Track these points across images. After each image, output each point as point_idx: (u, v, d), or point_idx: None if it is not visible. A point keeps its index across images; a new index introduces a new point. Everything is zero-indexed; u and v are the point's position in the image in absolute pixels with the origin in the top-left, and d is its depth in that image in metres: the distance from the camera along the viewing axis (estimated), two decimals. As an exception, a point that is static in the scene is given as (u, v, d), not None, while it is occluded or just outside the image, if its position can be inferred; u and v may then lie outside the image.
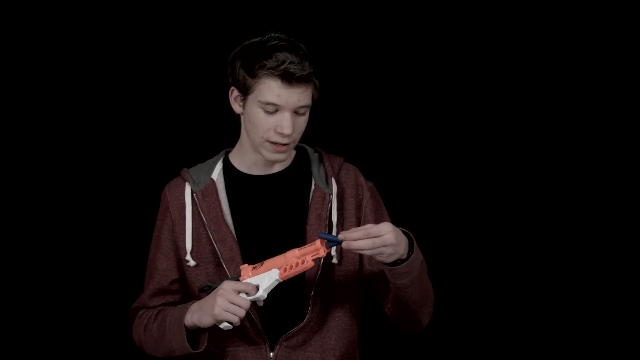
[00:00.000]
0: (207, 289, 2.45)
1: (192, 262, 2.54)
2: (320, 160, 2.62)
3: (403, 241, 2.34)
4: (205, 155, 2.68)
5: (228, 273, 2.50)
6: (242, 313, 2.37)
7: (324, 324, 2.53)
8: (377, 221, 2.54)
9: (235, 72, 2.47)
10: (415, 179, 3.46)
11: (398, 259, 2.35)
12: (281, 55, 2.40)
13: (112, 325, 3.25)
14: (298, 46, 2.45)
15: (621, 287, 3.42)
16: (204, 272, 2.55)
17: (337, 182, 2.59)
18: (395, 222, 2.65)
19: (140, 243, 2.75)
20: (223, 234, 2.52)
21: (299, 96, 2.43)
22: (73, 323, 3.43)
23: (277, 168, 2.59)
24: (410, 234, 2.39)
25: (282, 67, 2.39)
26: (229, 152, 2.64)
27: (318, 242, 2.33)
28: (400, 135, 3.48)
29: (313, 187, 2.57)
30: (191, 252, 2.55)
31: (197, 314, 2.43)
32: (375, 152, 3.41)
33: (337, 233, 2.52)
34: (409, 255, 2.36)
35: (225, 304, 2.37)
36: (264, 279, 2.37)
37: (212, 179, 2.58)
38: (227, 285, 2.38)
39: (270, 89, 2.42)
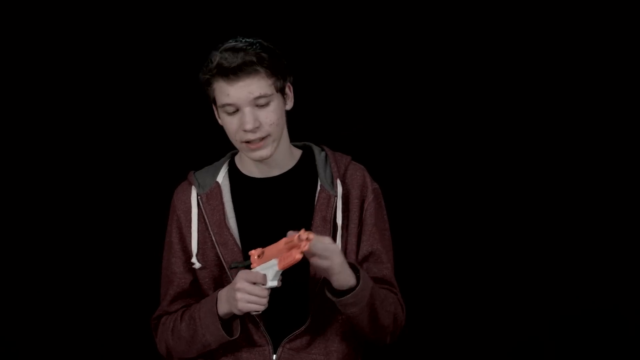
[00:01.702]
0: (236, 267, 2.46)
1: (197, 265, 2.55)
2: (327, 160, 2.60)
3: (345, 268, 2.35)
4: (216, 156, 2.69)
5: (230, 277, 2.50)
6: (264, 302, 2.37)
7: (327, 326, 2.52)
8: (376, 225, 2.56)
9: (202, 88, 2.51)
10: (415, 180, 3.45)
11: (346, 290, 2.37)
12: (215, 56, 2.43)
13: (120, 328, 3.27)
14: (243, 44, 2.44)
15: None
16: (210, 275, 2.55)
17: (343, 183, 2.57)
18: (396, 224, 2.66)
19: (150, 246, 2.75)
20: (225, 237, 2.53)
21: (249, 89, 2.42)
22: (79, 326, 3.44)
23: (281, 169, 2.58)
24: (357, 265, 2.40)
25: (215, 64, 2.42)
26: (235, 154, 2.65)
27: (297, 236, 2.29)
28: (400, 136, 3.48)
29: (319, 188, 2.55)
30: (197, 255, 2.55)
31: (228, 305, 2.43)
32: (374, 153, 3.40)
33: (342, 236, 2.53)
34: (357, 285, 2.37)
35: (246, 297, 2.37)
36: (268, 269, 2.37)
37: (217, 182, 2.59)
38: (241, 280, 2.37)
39: (220, 90, 2.44)
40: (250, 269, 2.40)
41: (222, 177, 2.61)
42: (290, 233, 2.32)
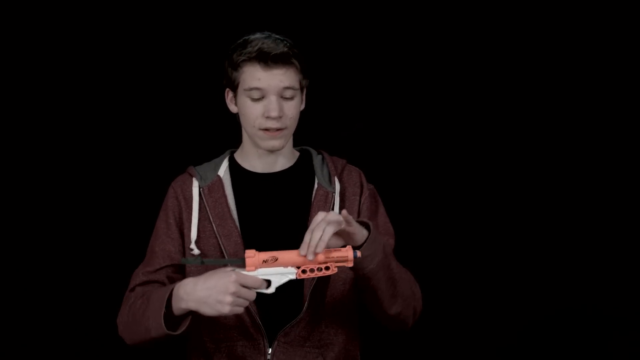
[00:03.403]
0: (195, 262, 2.42)
1: (196, 251, 2.55)
2: (324, 161, 2.66)
3: (357, 225, 2.36)
4: (209, 156, 2.72)
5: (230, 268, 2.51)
6: (247, 304, 2.34)
7: (322, 319, 2.54)
8: (370, 219, 2.56)
9: (225, 72, 2.56)
10: (415, 180, 3.47)
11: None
12: (256, 42, 2.50)
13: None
14: (279, 37, 2.53)
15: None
16: (205, 265, 2.53)
17: (340, 181, 2.63)
18: (394, 223, 2.68)
19: (145, 243, 2.74)
20: (229, 229, 2.55)
21: (281, 77, 2.49)
22: (77, 322, 3.43)
23: (281, 166, 2.63)
24: (368, 222, 2.40)
25: (256, 48, 2.48)
26: (234, 151, 2.69)
27: (349, 250, 2.31)
28: (400, 135, 3.49)
29: (316, 185, 2.60)
30: (196, 242, 2.57)
31: (195, 304, 2.34)
32: (375, 152, 3.42)
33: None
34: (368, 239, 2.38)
35: (237, 301, 2.31)
36: (277, 275, 2.33)
37: (218, 176, 2.62)
38: (236, 284, 2.31)
39: (251, 74, 2.50)
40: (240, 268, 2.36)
41: (223, 171, 2.64)
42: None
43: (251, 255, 2.32)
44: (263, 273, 2.33)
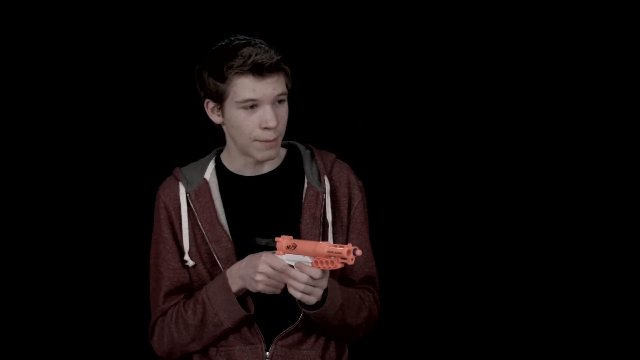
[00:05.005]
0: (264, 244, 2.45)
1: (190, 262, 2.54)
2: (312, 157, 2.62)
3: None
4: (199, 152, 2.68)
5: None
6: (282, 286, 2.39)
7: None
8: (365, 223, 2.58)
9: (205, 83, 2.49)
10: (416, 180, 3.46)
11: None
12: (245, 51, 2.43)
13: (105, 326, 3.27)
14: (258, 40, 2.48)
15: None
16: (203, 271, 2.55)
17: (330, 180, 2.59)
18: (394, 223, 2.66)
19: (135, 242, 2.73)
20: (218, 234, 2.53)
21: (274, 85, 2.44)
22: (66, 326, 3.44)
23: (268, 168, 2.58)
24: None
25: (250, 61, 2.42)
26: (221, 150, 2.64)
27: (349, 248, 2.29)
28: (401, 135, 3.49)
29: (306, 185, 2.57)
30: (189, 252, 2.55)
31: (242, 281, 2.43)
32: (375, 152, 3.41)
33: (333, 232, 2.55)
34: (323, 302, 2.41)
35: (266, 281, 2.38)
36: (295, 262, 2.36)
37: (205, 179, 2.58)
38: (265, 264, 2.37)
39: (244, 86, 2.44)
40: (271, 250, 2.40)
41: (209, 174, 2.60)
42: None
43: (280, 241, 2.39)
44: (289, 259, 2.37)
